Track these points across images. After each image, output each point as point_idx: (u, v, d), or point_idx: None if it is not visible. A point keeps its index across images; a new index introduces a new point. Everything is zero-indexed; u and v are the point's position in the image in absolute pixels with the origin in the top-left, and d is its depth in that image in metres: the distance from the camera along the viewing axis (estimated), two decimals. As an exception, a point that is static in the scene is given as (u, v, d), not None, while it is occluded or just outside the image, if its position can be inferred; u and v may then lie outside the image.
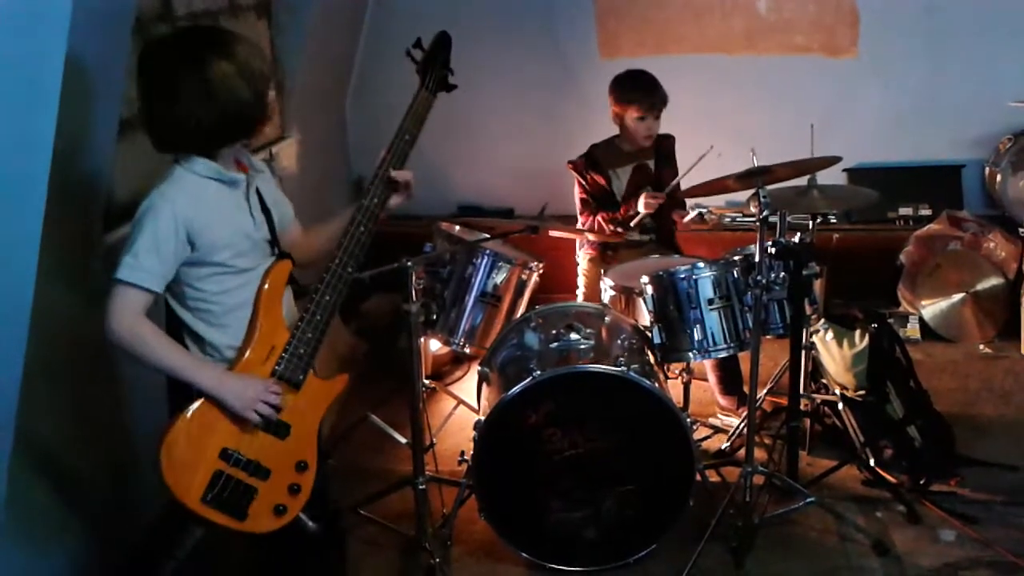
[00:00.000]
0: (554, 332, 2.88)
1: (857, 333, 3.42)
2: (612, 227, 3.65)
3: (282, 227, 2.22)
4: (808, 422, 3.37)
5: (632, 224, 3.66)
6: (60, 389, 2.37)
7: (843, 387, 3.45)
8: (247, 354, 2.06)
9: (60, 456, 2.43)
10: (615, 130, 3.76)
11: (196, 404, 2.00)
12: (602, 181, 3.71)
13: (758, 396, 3.17)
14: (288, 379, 2.08)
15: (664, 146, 3.79)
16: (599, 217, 3.67)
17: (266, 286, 2.10)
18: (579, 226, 3.79)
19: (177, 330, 2.09)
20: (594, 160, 3.74)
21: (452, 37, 2.38)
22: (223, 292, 2.08)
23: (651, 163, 3.76)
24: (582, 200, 3.74)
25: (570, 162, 3.77)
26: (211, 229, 2.01)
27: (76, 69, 2.05)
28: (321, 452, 2.21)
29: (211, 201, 2.02)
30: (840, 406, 3.39)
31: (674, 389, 2.99)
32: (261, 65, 2.03)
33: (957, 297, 4.23)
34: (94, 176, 2.47)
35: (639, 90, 3.62)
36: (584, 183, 3.72)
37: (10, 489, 2.09)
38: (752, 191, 2.80)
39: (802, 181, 3.07)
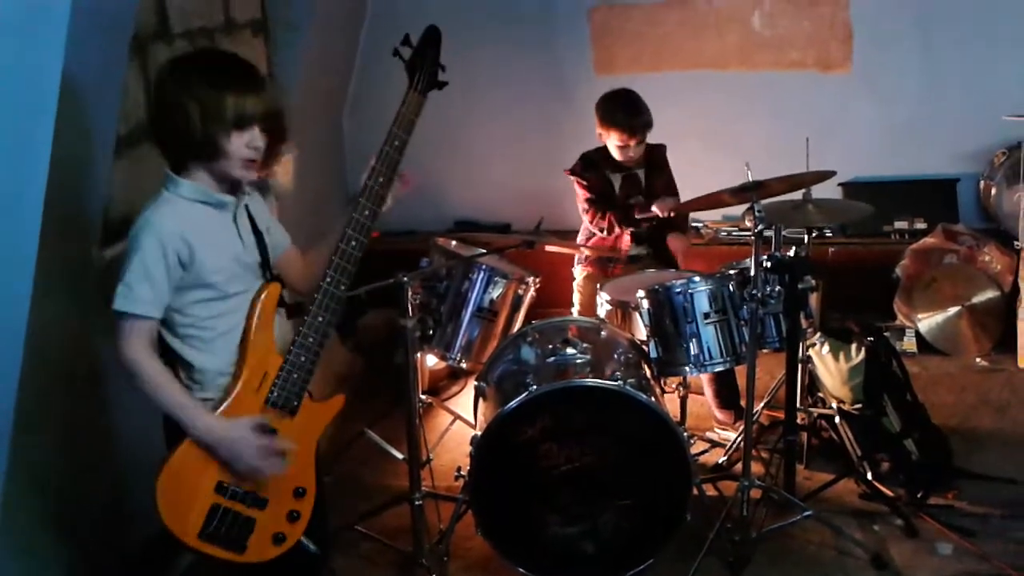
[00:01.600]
0: (550, 347, 2.88)
1: (853, 347, 3.42)
2: (622, 226, 3.64)
3: (275, 254, 2.19)
4: (805, 436, 3.37)
5: (640, 218, 3.67)
6: (54, 406, 2.37)
7: (840, 401, 3.45)
8: (239, 383, 2.01)
9: (53, 475, 2.41)
10: None
11: (188, 440, 1.97)
12: (601, 180, 3.72)
13: (755, 410, 3.18)
14: (283, 406, 2.04)
15: (655, 156, 3.80)
16: (610, 216, 3.66)
17: (256, 311, 2.05)
18: (583, 231, 3.79)
19: (166, 356, 2.04)
20: (590, 162, 3.76)
21: (448, 49, 2.34)
22: (212, 317, 2.02)
23: (641, 173, 3.77)
24: (588, 200, 3.73)
25: (567, 169, 3.78)
26: (200, 252, 1.96)
27: (73, 85, 2.06)
28: (319, 471, 2.20)
29: (199, 224, 1.98)
30: (837, 420, 3.39)
31: (671, 403, 2.99)
32: (230, 111, 1.93)
33: (953, 310, 4.23)
34: (91, 192, 2.48)
35: (622, 117, 3.60)
36: (585, 183, 3.73)
37: (3, 508, 2.09)
38: (747, 205, 2.80)
39: (797, 195, 3.08)
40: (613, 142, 3.64)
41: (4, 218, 1.75)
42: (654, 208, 3.61)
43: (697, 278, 2.97)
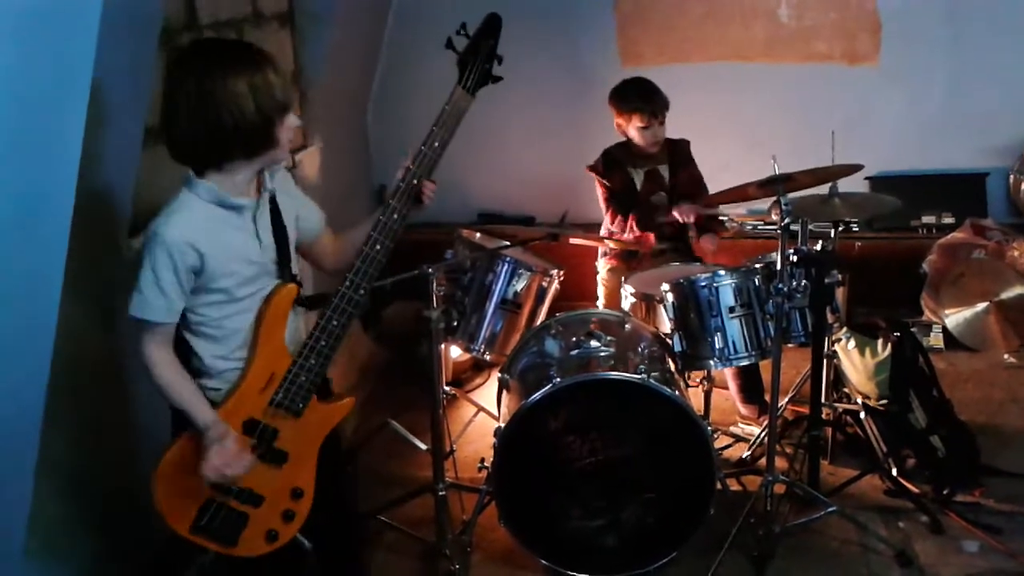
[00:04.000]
0: (574, 339, 2.88)
1: (879, 342, 3.40)
2: (639, 229, 3.64)
3: (309, 238, 2.19)
4: (830, 431, 3.35)
5: (660, 219, 3.66)
6: (82, 400, 2.39)
7: (865, 396, 3.43)
8: (244, 382, 2.02)
9: (81, 469, 2.44)
10: None
11: (188, 434, 2.00)
12: (622, 177, 3.71)
13: (779, 405, 3.16)
14: (287, 407, 2.04)
15: (678, 151, 3.78)
16: (632, 219, 3.65)
17: (268, 311, 2.03)
18: (606, 226, 3.78)
19: (179, 346, 2.04)
20: (612, 158, 3.75)
21: None
22: (224, 317, 2.02)
23: (664, 168, 3.76)
24: (607, 199, 3.73)
25: (589, 166, 3.78)
26: (210, 259, 1.94)
27: (103, 78, 2.07)
28: (339, 460, 2.21)
29: (213, 227, 1.95)
30: (862, 415, 3.37)
31: (695, 397, 2.98)
32: (279, 90, 1.93)
33: (981, 306, 4.19)
34: (120, 185, 2.50)
35: (639, 99, 3.61)
36: (606, 182, 3.73)
37: (33, 499, 2.12)
38: (773, 199, 2.79)
39: (824, 189, 3.06)
40: (635, 126, 3.63)
41: (36, 211, 1.77)
42: (675, 214, 3.60)
43: (722, 272, 2.95)
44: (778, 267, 2.70)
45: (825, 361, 3.13)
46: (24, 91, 1.58)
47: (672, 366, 2.94)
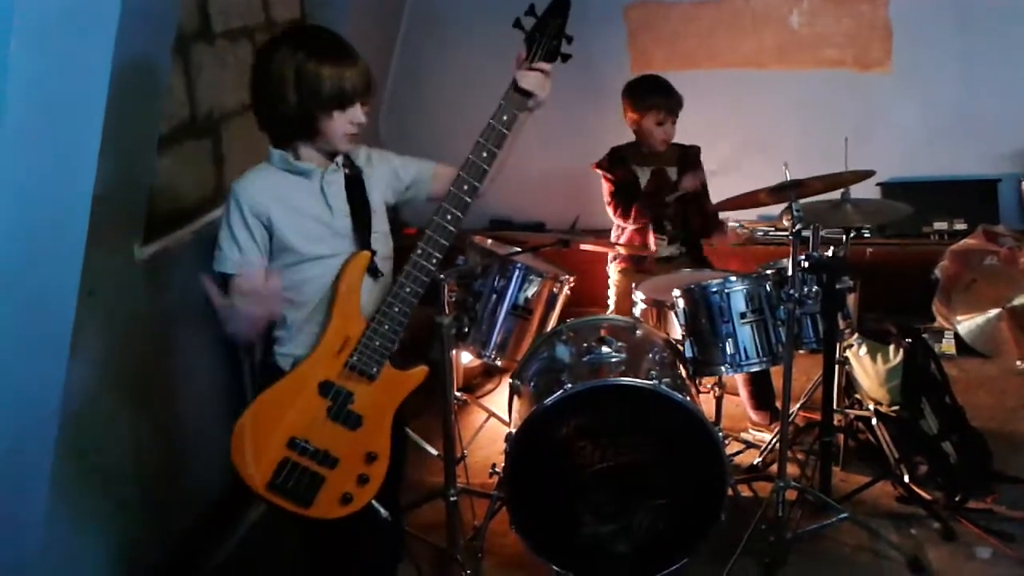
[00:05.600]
0: (585, 345, 2.88)
1: (891, 348, 3.39)
2: (646, 215, 3.64)
3: (426, 188, 2.33)
4: (842, 437, 3.34)
5: (669, 199, 3.66)
6: (102, 399, 2.42)
7: (877, 402, 3.42)
8: (320, 345, 2.10)
9: (103, 464, 2.48)
10: None
11: (268, 392, 2.07)
12: (626, 174, 3.72)
13: (791, 411, 3.16)
14: (361, 371, 2.11)
15: (689, 155, 3.79)
16: (634, 208, 3.65)
17: (344, 275, 2.11)
18: (615, 231, 3.78)
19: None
20: (619, 156, 3.76)
21: (483, 49, 2.32)
22: (303, 281, 2.12)
23: (672, 170, 3.76)
24: (611, 194, 3.74)
25: (595, 163, 3.79)
26: (277, 216, 2.07)
27: (118, 83, 2.09)
28: (398, 441, 2.25)
29: (281, 189, 2.09)
30: (874, 421, 3.36)
31: (706, 403, 2.98)
32: (329, 84, 2.02)
33: (993, 312, 4.18)
34: (134, 190, 2.52)
35: (658, 95, 3.64)
36: (611, 177, 3.73)
37: (61, 483, 2.14)
38: (785, 205, 2.79)
39: (835, 195, 3.06)
40: (651, 121, 3.64)
41: (53, 214, 1.79)
42: (683, 185, 3.61)
43: (734, 278, 2.95)
44: (789, 273, 2.70)
45: (837, 367, 3.12)
46: (43, 96, 1.60)
47: (683, 372, 2.94)
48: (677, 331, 3.01)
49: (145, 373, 2.64)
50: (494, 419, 3.59)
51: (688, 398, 2.71)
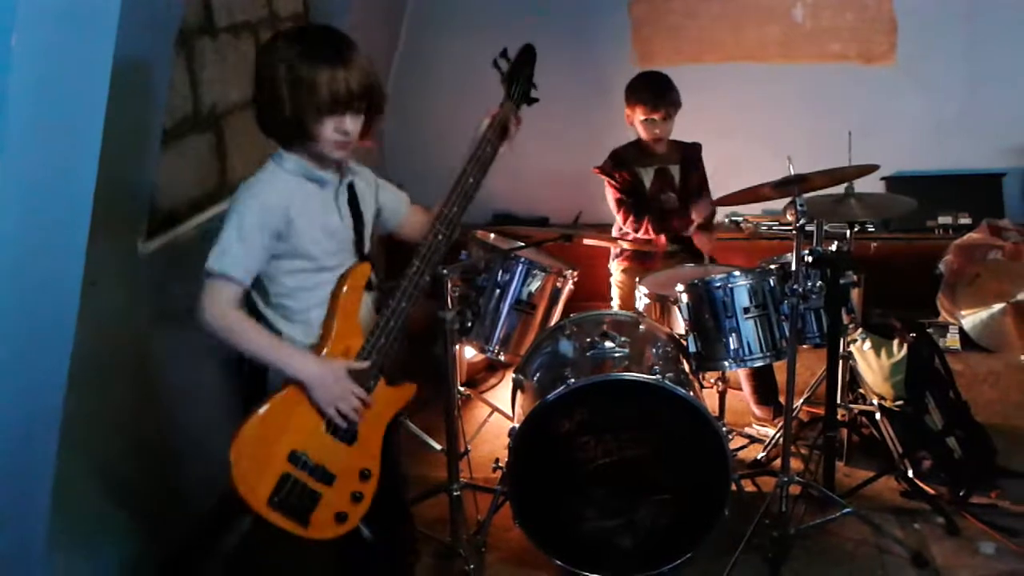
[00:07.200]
0: (589, 340, 2.88)
1: (895, 343, 3.39)
2: (657, 233, 3.62)
3: (397, 220, 2.31)
4: (845, 432, 3.34)
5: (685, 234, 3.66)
6: (105, 394, 2.42)
7: (881, 397, 3.41)
8: (322, 353, 2.06)
9: (106, 461, 2.48)
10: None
11: (268, 404, 2.01)
12: (630, 177, 3.70)
13: (794, 406, 3.15)
14: (360, 385, 2.09)
15: (690, 153, 3.78)
16: (646, 223, 3.63)
17: (344, 287, 2.09)
18: (619, 226, 3.78)
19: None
20: (620, 159, 3.74)
21: (486, 45, 2.38)
22: (304, 289, 2.08)
23: (675, 169, 3.75)
24: (617, 200, 3.72)
25: (596, 167, 3.77)
26: (299, 223, 2.02)
27: (120, 77, 2.09)
28: (394, 459, 2.24)
29: (298, 197, 2.04)
30: (878, 416, 3.36)
31: (709, 399, 2.98)
32: (325, 90, 1.95)
33: (997, 307, 4.17)
34: (137, 185, 2.52)
35: (646, 91, 3.61)
36: (615, 182, 3.72)
37: (59, 493, 2.14)
38: (789, 199, 2.78)
39: (839, 189, 3.05)
40: (639, 118, 3.63)
41: (55, 210, 1.79)
42: (693, 217, 3.60)
43: (737, 272, 2.95)
44: (793, 268, 2.70)
45: (840, 362, 3.12)
46: (45, 90, 1.59)
47: (687, 367, 2.94)
48: (680, 326, 3.01)
49: (146, 368, 2.64)
50: (497, 414, 3.59)
51: (692, 393, 2.71)
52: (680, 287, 2.98)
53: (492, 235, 3.52)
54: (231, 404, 2.80)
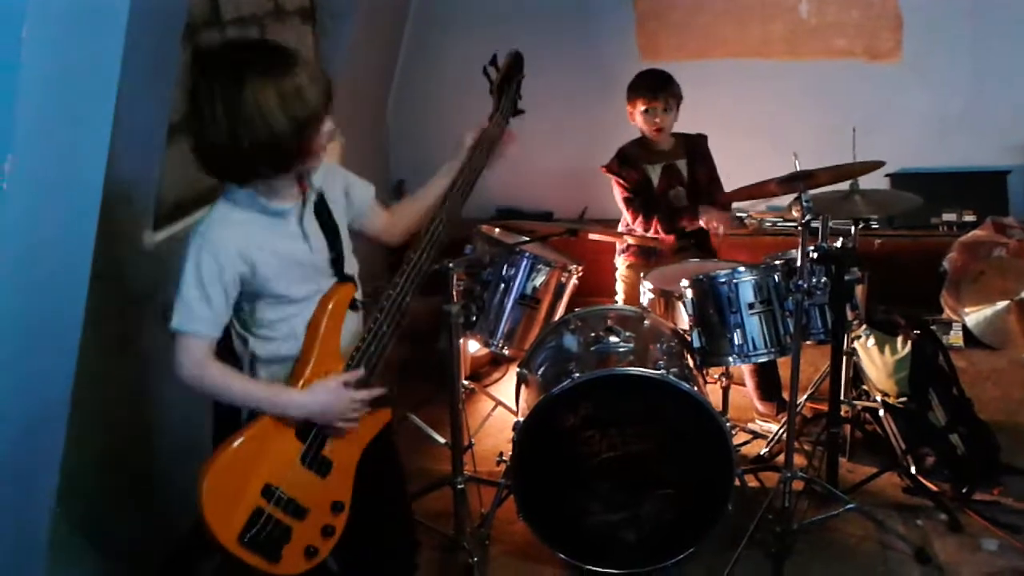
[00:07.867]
0: (593, 335, 2.89)
1: (899, 339, 3.39)
2: (667, 233, 3.63)
3: (362, 212, 2.18)
4: (849, 428, 3.35)
5: (683, 226, 3.66)
6: (107, 390, 2.42)
7: (884, 394, 3.42)
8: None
9: (103, 459, 2.47)
10: None
11: (241, 438, 1.89)
12: (638, 175, 3.71)
13: (798, 402, 3.16)
14: None
15: (696, 145, 3.78)
16: (655, 222, 3.63)
17: (324, 311, 1.98)
18: (626, 223, 3.78)
19: (228, 343, 2.01)
20: (626, 157, 3.74)
21: (491, 40, 2.38)
22: (280, 320, 1.97)
23: (682, 163, 3.75)
24: (626, 199, 3.72)
25: (603, 166, 3.77)
26: (261, 266, 1.90)
27: (126, 72, 2.09)
28: (403, 483, 2.23)
29: (256, 236, 1.90)
30: (881, 413, 3.36)
31: (713, 394, 2.98)
32: (312, 96, 1.83)
33: (1001, 304, 4.17)
34: (143, 178, 2.52)
35: (644, 83, 3.63)
36: (622, 181, 3.72)
37: (61, 487, 2.14)
38: (794, 196, 2.79)
39: (844, 186, 3.05)
40: (639, 111, 3.63)
41: (65, 202, 1.79)
42: (701, 222, 3.60)
43: (742, 268, 2.95)
44: (798, 264, 2.70)
45: (844, 358, 3.12)
46: (54, 85, 1.60)
47: (691, 362, 2.94)
48: (685, 321, 3.02)
49: (152, 360, 2.64)
50: (501, 408, 3.60)
51: (696, 388, 2.71)
52: (685, 282, 2.98)
53: (497, 230, 3.53)
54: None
